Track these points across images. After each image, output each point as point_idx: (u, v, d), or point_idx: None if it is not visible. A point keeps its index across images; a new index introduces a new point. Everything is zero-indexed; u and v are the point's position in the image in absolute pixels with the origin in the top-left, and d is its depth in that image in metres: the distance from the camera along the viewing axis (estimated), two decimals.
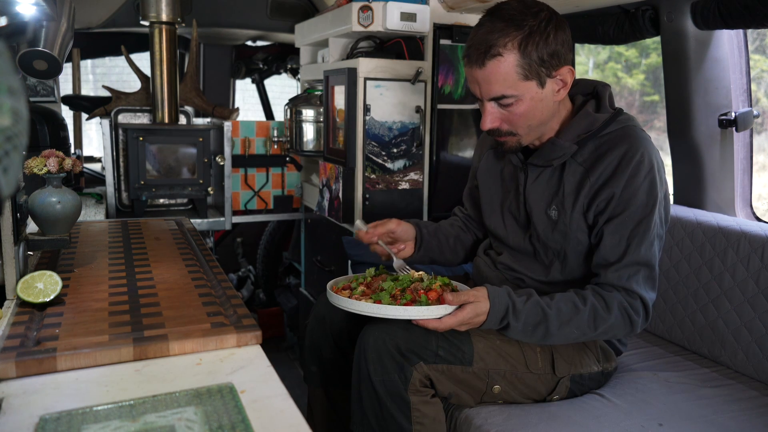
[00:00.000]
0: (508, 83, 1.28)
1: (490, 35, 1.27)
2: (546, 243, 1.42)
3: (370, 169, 2.15)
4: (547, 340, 1.32)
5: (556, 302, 1.31)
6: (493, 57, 1.26)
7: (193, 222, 2.12)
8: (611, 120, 1.36)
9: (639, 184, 1.30)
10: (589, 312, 1.30)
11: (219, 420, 0.79)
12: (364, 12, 2.08)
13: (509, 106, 1.32)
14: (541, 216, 1.41)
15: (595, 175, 1.33)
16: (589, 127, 1.36)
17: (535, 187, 1.42)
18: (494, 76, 1.28)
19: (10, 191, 0.56)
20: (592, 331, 1.32)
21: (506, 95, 1.30)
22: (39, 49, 1.83)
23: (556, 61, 1.29)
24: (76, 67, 3.31)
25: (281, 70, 3.91)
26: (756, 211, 1.94)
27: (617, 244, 1.32)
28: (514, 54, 1.26)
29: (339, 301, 1.34)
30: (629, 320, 1.31)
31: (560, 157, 1.37)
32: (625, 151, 1.31)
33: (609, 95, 1.41)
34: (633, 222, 1.31)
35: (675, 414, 1.39)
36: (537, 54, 1.26)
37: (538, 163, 1.40)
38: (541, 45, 1.26)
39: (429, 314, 1.27)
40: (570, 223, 1.37)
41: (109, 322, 1.05)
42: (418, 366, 1.30)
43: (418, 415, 1.31)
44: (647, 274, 1.33)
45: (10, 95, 0.57)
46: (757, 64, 2.85)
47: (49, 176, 1.34)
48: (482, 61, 1.28)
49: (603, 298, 1.31)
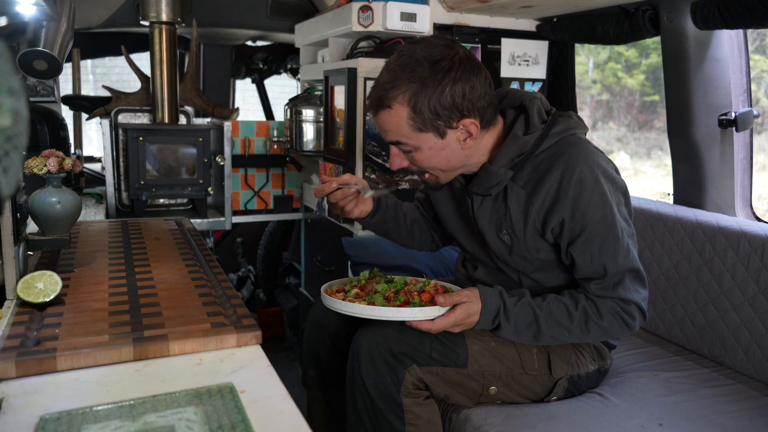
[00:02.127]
0: (401, 133, 1.26)
1: (384, 85, 1.23)
2: (508, 264, 1.41)
3: (370, 169, 2.15)
4: (539, 341, 1.33)
5: (547, 304, 1.31)
6: (384, 108, 1.24)
7: (193, 222, 2.11)
8: (544, 136, 1.30)
9: (587, 201, 1.26)
10: (580, 316, 1.30)
11: (219, 420, 0.79)
12: (364, 12, 2.08)
13: (410, 152, 1.29)
14: (494, 240, 1.39)
15: (539, 200, 1.29)
16: (521, 150, 1.31)
17: (483, 213, 1.39)
18: (387, 125, 1.26)
19: (10, 191, 0.56)
20: (585, 335, 1.32)
21: (401, 142, 1.27)
22: (39, 49, 1.83)
23: (456, 113, 1.22)
24: (76, 67, 3.31)
25: (281, 70, 3.91)
26: (756, 211, 1.94)
27: (590, 263, 1.30)
28: (404, 107, 1.22)
29: (332, 304, 1.34)
30: (624, 323, 1.31)
31: (497, 185, 1.32)
32: (562, 171, 1.26)
33: (537, 109, 1.33)
34: (598, 239, 1.27)
35: (675, 414, 1.39)
36: (429, 108, 1.21)
37: (478, 192, 1.36)
38: (434, 99, 1.20)
39: (422, 315, 1.28)
40: (527, 248, 1.34)
41: (109, 322, 1.05)
42: (411, 368, 1.30)
43: (411, 416, 1.31)
44: (632, 276, 1.31)
45: (10, 95, 0.57)
46: (757, 64, 2.84)
47: (49, 176, 1.34)
48: (375, 110, 1.27)
49: (594, 303, 1.31)
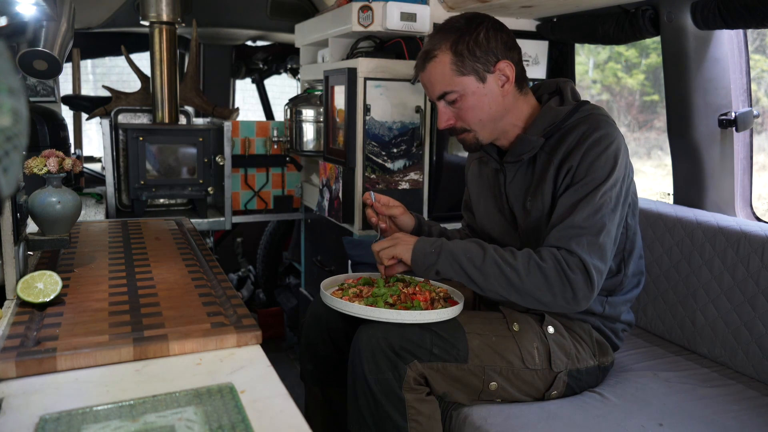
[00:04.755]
0: (446, 81, 1.41)
1: (427, 44, 1.44)
2: (527, 234, 1.47)
3: (370, 169, 2.15)
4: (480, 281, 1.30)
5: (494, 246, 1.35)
6: (431, 59, 1.42)
7: (193, 222, 2.11)
8: (574, 111, 1.42)
9: (596, 156, 1.33)
10: (524, 255, 1.29)
11: (219, 420, 0.79)
12: (364, 12, 2.08)
13: (455, 103, 1.43)
14: (520, 210, 1.49)
15: (558, 156, 1.39)
16: (553, 120, 1.42)
17: (514, 185, 1.50)
18: (434, 77, 1.42)
19: (10, 191, 0.56)
20: (526, 275, 1.27)
21: (447, 91, 1.42)
22: (39, 49, 1.83)
23: (492, 56, 1.40)
24: (76, 67, 3.30)
25: (281, 70, 3.91)
26: (756, 211, 1.94)
27: (563, 210, 1.33)
28: (446, 54, 1.40)
29: (332, 302, 1.36)
30: (564, 276, 1.26)
31: (529, 151, 1.44)
32: (585, 129, 1.37)
33: (571, 89, 1.49)
34: (585, 191, 1.32)
35: (675, 414, 1.39)
36: (468, 50, 1.38)
37: (511, 160, 1.47)
38: (471, 42, 1.38)
39: (422, 318, 1.31)
40: (542, 209, 1.42)
41: (109, 322, 1.05)
42: (412, 364, 1.31)
43: (414, 412, 1.32)
44: (591, 240, 1.29)
45: (10, 95, 0.57)
46: (757, 64, 2.85)
47: (49, 176, 1.34)
48: (423, 66, 1.44)
49: (538, 251, 1.31)
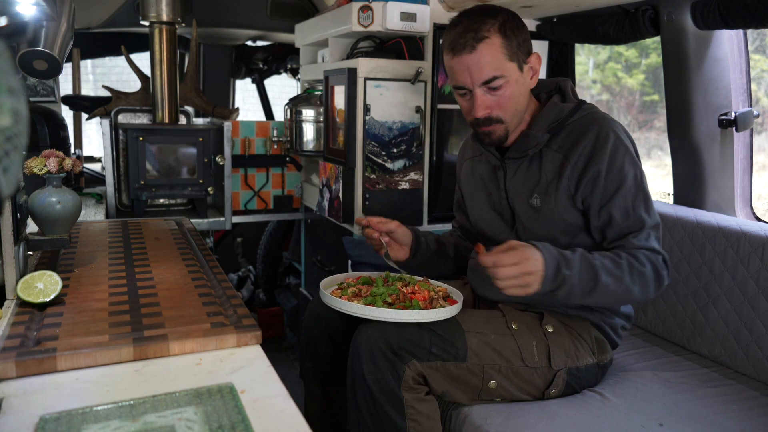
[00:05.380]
0: (497, 64, 1.36)
1: (472, 25, 1.36)
2: (531, 231, 1.46)
3: (370, 169, 2.15)
4: (592, 295, 1.31)
5: (594, 255, 1.33)
6: (481, 40, 1.35)
7: (193, 222, 2.11)
8: (576, 109, 1.45)
9: (623, 158, 1.38)
10: (626, 264, 1.33)
11: (219, 420, 0.79)
12: (364, 12, 2.08)
13: (498, 90, 1.39)
14: (523, 207, 1.47)
15: (574, 157, 1.39)
16: (558, 116, 1.44)
17: (515, 181, 1.49)
18: (484, 58, 1.36)
19: (10, 191, 0.56)
20: (632, 285, 1.32)
21: (496, 76, 1.37)
22: (39, 49, 1.83)
23: (528, 47, 1.41)
24: (76, 67, 3.30)
25: (281, 70, 3.91)
26: (756, 211, 1.94)
27: (628, 217, 1.38)
28: (498, 36, 1.36)
29: (331, 302, 1.36)
30: (658, 274, 1.35)
31: (534, 146, 1.44)
32: (597, 132, 1.39)
33: (571, 88, 1.51)
34: (631, 194, 1.37)
35: (675, 414, 1.39)
36: (515, 37, 1.37)
37: (515, 156, 1.47)
38: (516, 30, 1.38)
39: (420, 317, 1.31)
40: (555, 207, 1.42)
41: (109, 322, 1.05)
42: (410, 364, 1.31)
43: (413, 412, 1.32)
44: (657, 234, 1.39)
45: (10, 95, 0.57)
46: (757, 64, 2.85)
47: (49, 176, 1.34)
48: (473, 46, 1.36)
49: (633, 254, 1.35)
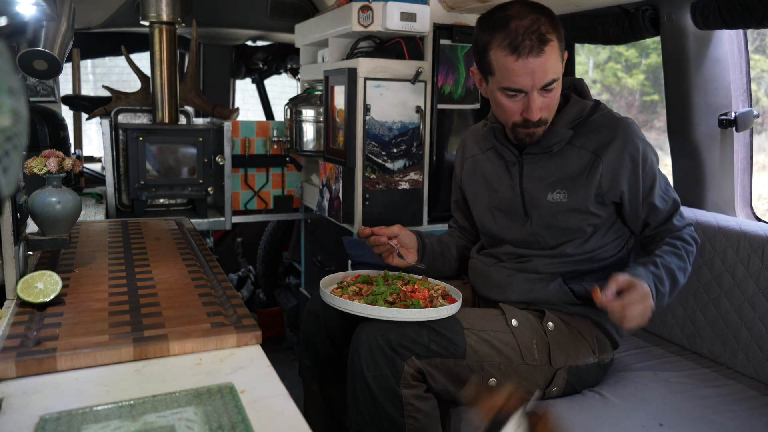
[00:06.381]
0: (557, 67, 1.34)
1: (531, 25, 1.30)
2: (553, 225, 1.47)
3: (370, 169, 2.15)
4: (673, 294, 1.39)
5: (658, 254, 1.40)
6: (547, 43, 1.30)
7: (193, 222, 2.11)
8: (595, 108, 1.47)
9: (647, 151, 1.44)
10: (682, 251, 1.43)
11: (219, 420, 0.79)
12: (364, 12, 2.08)
13: (551, 92, 1.37)
14: (543, 202, 1.48)
15: (607, 157, 1.42)
16: (580, 113, 1.45)
17: (533, 177, 1.49)
18: (549, 62, 1.32)
19: (10, 191, 0.56)
20: (690, 268, 1.43)
21: (555, 79, 1.35)
22: (39, 49, 1.83)
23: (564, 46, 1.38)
24: (76, 67, 3.30)
25: (281, 70, 3.91)
26: (756, 211, 1.94)
27: (666, 202, 1.48)
28: (555, 38, 1.32)
29: (332, 301, 1.36)
30: (697, 245, 1.48)
31: (558, 142, 1.45)
32: (625, 134, 1.43)
33: (586, 87, 1.53)
34: (662, 180, 1.48)
35: (675, 414, 1.39)
36: (563, 37, 1.35)
37: (537, 151, 1.47)
38: (560, 29, 1.35)
39: (421, 316, 1.31)
40: (584, 201, 1.44)
41: (109, 322, 1.05)
42: (409, 360, 1.31)
43: (411, 409, 1.31)
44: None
45: (10, 95, 0.57)
46: (757, 64, 2.85)
47: (49, 176, 1.34)
48: (540, 48, 1.30)
49: (681, 238, 1.45)
